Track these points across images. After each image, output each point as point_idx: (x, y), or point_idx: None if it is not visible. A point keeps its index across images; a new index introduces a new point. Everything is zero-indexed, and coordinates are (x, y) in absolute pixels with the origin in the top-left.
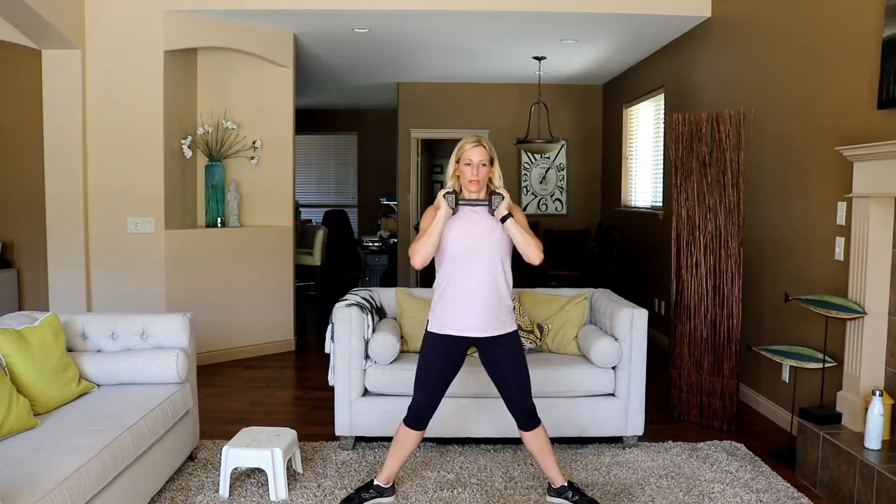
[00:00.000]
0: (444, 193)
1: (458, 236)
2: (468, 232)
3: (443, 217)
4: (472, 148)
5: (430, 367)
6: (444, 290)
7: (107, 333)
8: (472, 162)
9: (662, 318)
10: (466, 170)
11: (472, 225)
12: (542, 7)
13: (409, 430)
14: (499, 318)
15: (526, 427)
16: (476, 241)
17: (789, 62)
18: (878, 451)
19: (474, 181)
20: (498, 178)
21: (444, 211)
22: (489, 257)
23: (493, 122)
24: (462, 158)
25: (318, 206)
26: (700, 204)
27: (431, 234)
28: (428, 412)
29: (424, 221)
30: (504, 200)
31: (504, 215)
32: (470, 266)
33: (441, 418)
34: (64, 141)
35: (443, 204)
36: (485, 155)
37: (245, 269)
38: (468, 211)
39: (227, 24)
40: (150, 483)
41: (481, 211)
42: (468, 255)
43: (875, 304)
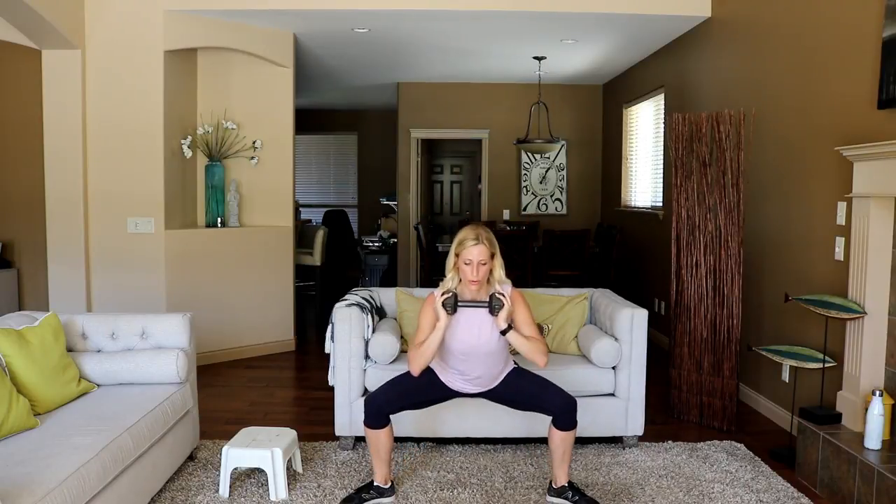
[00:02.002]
0: (442, 300)
1: (458, 340)
2: (469, 335)
3: (442, 327)
4: (473, 247)
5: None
6: (445, 360)
7: (107, 333)
8: (471, 261)
9: (662, 318)
10: (466, 269)
11: (472, 327)
12: (542, 7)
13: (374, 431)
14: (497, 378)
15: (564, 426)
16: (476, 344)
17: (789, 62)
18: (878, 451)
19: (475, 281)
20: (499, 268)
21: (443, 321)
22: (489, 355)
23: (493, 122)
24: (462, 256)
25: (318, 206)
26: (700, 204)
27: (430, 345)
28: (385, 410)
29: (423, 319)
30: (504, 308)
31: (504, 329)
32: (471, 362)
33: (441, 418)
34: (64, 141)
35: (441, 314)
36: (485, 253)
37: (245, 269)
38: (469, 311)
39: (227, 24)
40: (150, 483)
41: (482, 310)
42: (468, 354)
43: (875, 304)
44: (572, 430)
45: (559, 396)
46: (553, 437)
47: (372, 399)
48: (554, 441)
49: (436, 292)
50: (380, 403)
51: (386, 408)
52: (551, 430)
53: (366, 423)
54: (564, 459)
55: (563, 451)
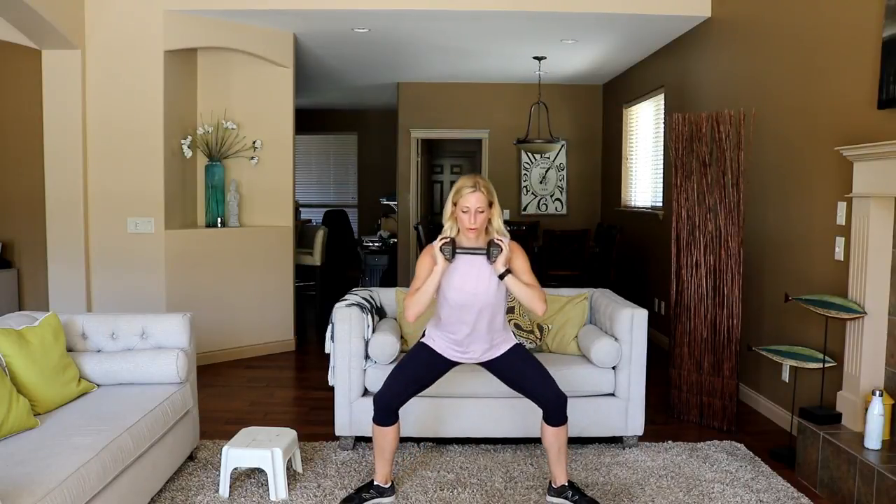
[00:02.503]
0: (441, 244)
1: (455, 288)
2: (465, 284)
3: (439, 271)
4: (470, 194)
5: (413, 363)
6: (440, 322)
7: (107, 333)
8: (469, 209)
9: (662, 318)
10: (464, 217)
11: (469, 276)
12: (542, 7)
13: (381, 428)
14: (493, 347)
15: (554, 421)
16: (473, 293)
17: (789, 62)
18: (878, 451)
19: (473, 229)
20: (498, 217)
21: (440, 265)
22: (485, 306)
23: (493, 122)
24: (459, 204)
25: (318, 206)
26: (700, 204)
27: (427, 290)
28: (394, 405)
29: (420, 268)
30: (503, 253)
31: (502, 272)
32: (466, 314)
33: (441, 418)
34: (64, 141)
35: (439, 258)
36: (482, 200)
37: (245, 269)
38: (466, 259)
39: (227, 24)
40: (150, 483)
41: (480, 258)
42: (465, 305)
43: (875, 304)
44: (563, 426)
45: (552, 390)
46: (545, 434)
47: (380, 397)
48: (547, 438)
49: (434, 241)
50: (388, 399)
51: (395, 402)
52: (543, 427)
53: (375, 421)
54: (560, 457)
55: (557, 448)
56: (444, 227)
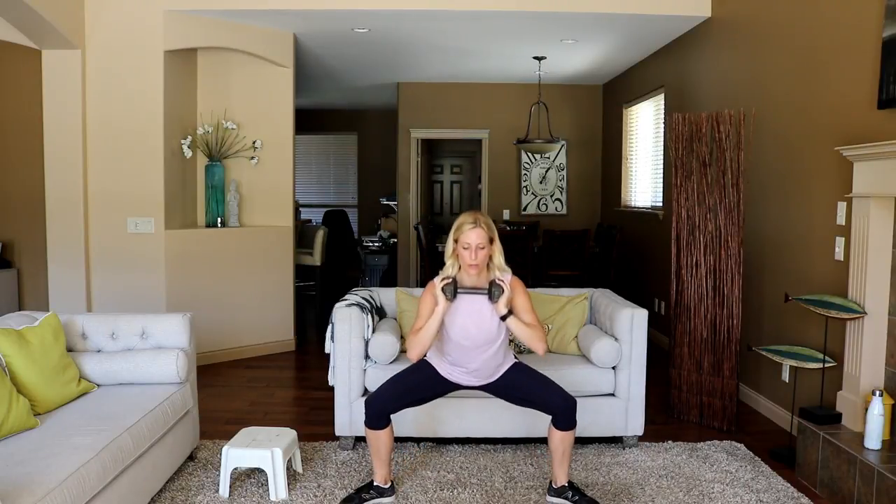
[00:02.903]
0: (442, 285)
1: (458, 327)
2: (468, 324)
3: (441, 312)
4: (470, 230)
5: (413, 377)
6: (444, 351)
7: (107, 333)
8: (470, 245)
9: (662, 318)
10: (465, 254)
11: (471, 316)
12: (542, 7)
13: (374, 432)
14: (496, 370)
15: (564, 426)
16: (475, 333)
17: (789, 62)
18: (878, 451)
19: (474, 265)
20: (499, 254)
21: (442, 306)
22: (488, 342)
23: (493, 122)
24: (460, 240)
25: (318, 206)
26: (700, 204)
27: (429, 330)
28: (385, 411)
29: (422, 306)
30: (504, 295)
31: (504, 314)
32: (469, 351)
33: (441, 418)
34: (64, 141)
35: (441, 298)
36: (483, 237)
37: (245, 269)
38: (468, 298)
39: (227, 24)
40: (150, 483)
41: (482, 297)
42: (467, 344)
43: (875, 304)
44: (572, 430)
45: (559, 396)
46: (553, 437)
47: (372, 400)
48: (554, 441)
49: (435, 279)
50: (381, 404)
51: (387, 408)
52: (551, 430)
53: (367, 424)
54: (564, 459)
55: (562, 450)
56: (445, 265)
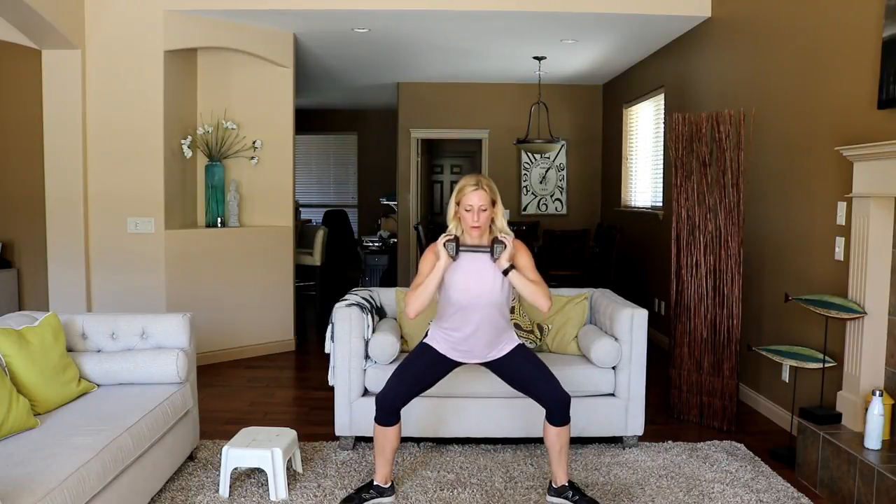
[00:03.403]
0: (444, 241)
1: (458, 287)
2: (469, 282)
3: (442, 267)
4: (472, 192)
5: (415, 363)
6: (443, 321)
7: (107, 333)
8: (472, 207)
9: (662, 318)
10: (467, 215)
11: (473, 274)
12: (542, 7)
13: (383, 428)
14: (496, 346)
15: (557, 421)
16: (477, 292)
17: (789, 62)
18: (878, 451)
19: (476, 227)
20: (501, 217)
21: (443, 262)
22: (489, 306)
23: (493, 122)
24: (462, 202)
25: (318, 206)
26: (700, 204)
27: (428, 286)
28: (397, 405)
29: (423, 265)
30: (506, 250)
31: (506, 268)
32: (470, 313)
33: (441, 418)
34: (64, 141)
35: (442, 254)
36: (485, 198)
37: (245, 269)
38: (469, 257)
39: (227, 24)
40: (150, 483)
41: (483, 257)
42: (468, 305)
43: (875, 304)
44: (566, 426)
45: (556, 390)
46: (548, 434)
47: (382, 397)
48: (549, 437)
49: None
50: (391, 399)
51: (398, 402)
52: (546, 427)
53: (377, 421)
54: (562, 457)
55: (559, 447)
56: (448, 227)
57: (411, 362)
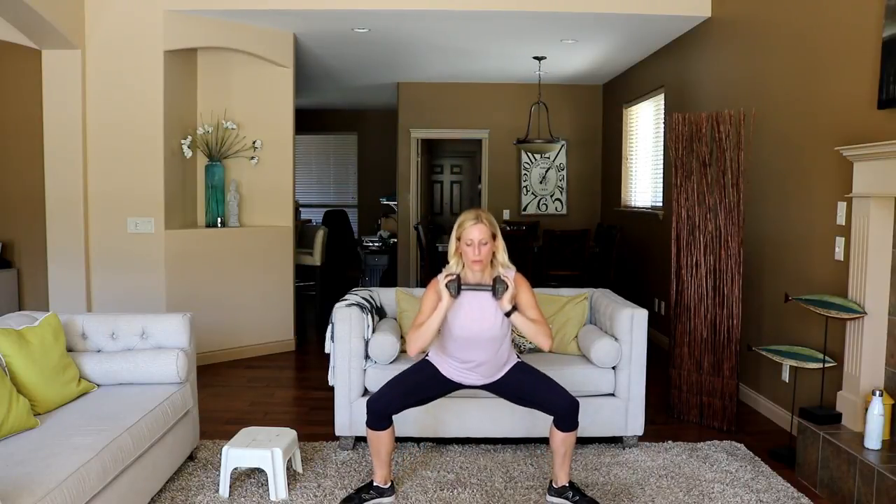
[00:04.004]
0: (446, 281)
1: (461, 325)
2: (471, 320)
3: (444, 307)
4: (473, 226)
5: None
6: (446, 349)
7: (107, 333)
8: (473, 241)
9: (662, 318)
10: (468, 250)
11: (475, 311)
12: (542, 7)
13: (376, 433)
14: (499, 369)
15: (566, 427)
16: (479, 330)
17: (789, 62)
18: (878, 451)
19: (477, 261)
20: (502, 251)
21: (445, 302)
22: (491, 340)
23: (493, 122)
24: (463, 237)
25: (318, 206)
26: (700, 204)
27: (431, 326)
28: (388, 412)
29: (425, 302)
30: (508, 291)
31: (508, 311)
32: (472, 348)
33: (441, 418)
34: (64, 141)
35: (444, 294)
36: (485, 232)
37: (245, 269)
38: (471, 295)
39: (227, 24)
40: (150, 483)
41: (485, 294)
42: (471, 340)
43: (875, 304)
44: (574, 431)
45: (562, 397)
46: (554, 438)
47: (375, 401)
48: (555, 441)
49: (439, 276)
50: (383, 405)
51: (389, 409)
52: (553, 431)
53: (368, 425)
54: (566, 460)
55: (564, 451)
56: (449, 263)
57: (410, 375)
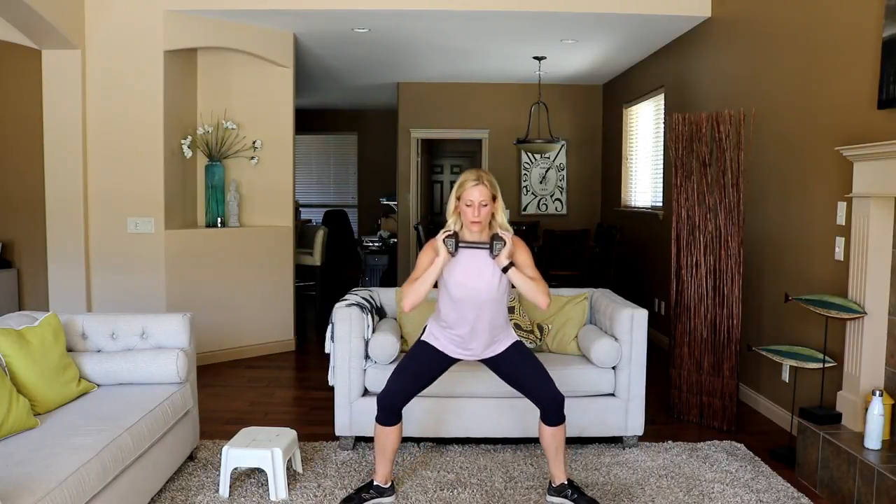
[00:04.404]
0: (444, 236)
1: (457, 283)
2: (468, 278)
3: (440, 263)
4: (473, 187)
5: (414, 361)
6: (441, 318)
7: (107, 333)
8: (472, 202)
9: (662, 318)
10: (468, 210)
11: (472, 270)
12: (542, 7)
13: (384, 428)
14: (494, 343)
15: (552, 421)
16: (475, 288)
17: (789, 62)
18: (878, 451)
19: (476, 222)
20: (501, 212)
21: (442, 257)
22: (488, 302)
23: (493, 122)
24: (463, 197)
25: (318, 206)
26: (700, 204)
27: (425, 281)
28: (397, 404)
29: (422, 259)
30: (506, 247)
31: (506, 265)
32: (468, 309)
33: (441, 418)
34: (64, 141)
35: (441, 249)
36: (486, 193)
37: (245, 269)
38: (469, 253)
39: (227, 24)
40: (150, 483)
41: (482, 253)
42: (467, 300)
43: (875, 304)
44: (561, 426)
45: (550, 390)
46: (543, 434)
47: (383, 397)
48: (545, 438)
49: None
50: (391, 399)
51: (398, 401)
52: (541, 427)
53: (378, 421)
54: (559, 456)
55: (555, 447)
56: (447, 222)
57: (410, 360)
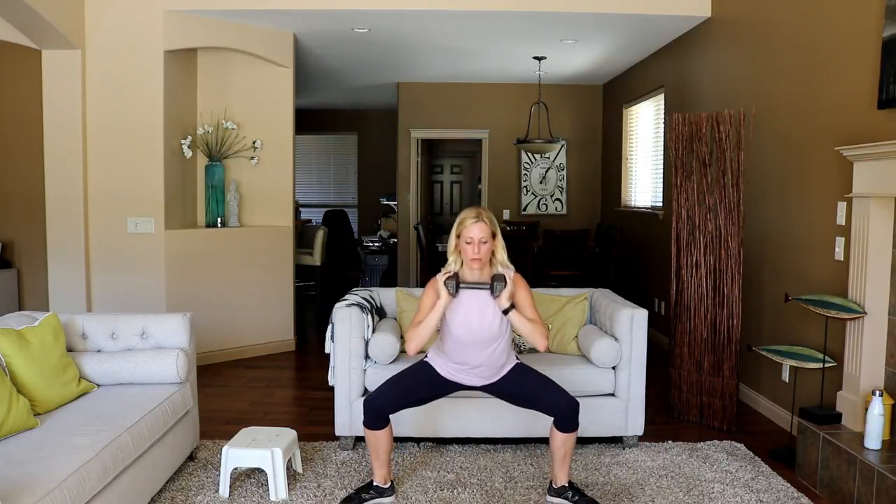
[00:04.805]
0: (444, 278)
1: (459, 324)
2: (470, 320)
3: (442, 305)
4: (473, 224)
5: (412, 377)
6: (445, 349)
7: (107, 333)
8: (472, 239)
9: (662, 318)
10: (468, 248)
11: (473, 311)
12: (542, 7)
13: (373, 432)
14: (499, 370)
15: (567, 428)
16: (478, 329)
17: (789, 62)
18: (878, 451)
19: (476, 259)
20: (501, 250)
21: (443, 300)
22: (490, 340)
23: (493, 122)
24: (462, 235)
25: (318, 206)
26: (700, 204)
27: (429, 325)
28: (386, 410)
29: (424, 301)
30: (506, 289)
31: (506, 307)
32: (471, 348)
33: (441, 418)
34: (64, 141)
35: (442, 291)
36: (485, 231)
37: (245, 269)
38: (470, 293)
39: (227, 24)
40: (150, 483)
41: (483, 292)
42: (469, 340)
43: (875, 304)
44: (574, 432)
45: (562, 398)
46: (555, 439)
47: (371, 400)
48: (555, 442)
49: (438, 275)
50: (379, 405)
51: (386, 409)
52: (553, 432)
53: (365, 425)
54: (565, 460)
55: (564, 452)
56: (448, 261)
57: (408, 375)
